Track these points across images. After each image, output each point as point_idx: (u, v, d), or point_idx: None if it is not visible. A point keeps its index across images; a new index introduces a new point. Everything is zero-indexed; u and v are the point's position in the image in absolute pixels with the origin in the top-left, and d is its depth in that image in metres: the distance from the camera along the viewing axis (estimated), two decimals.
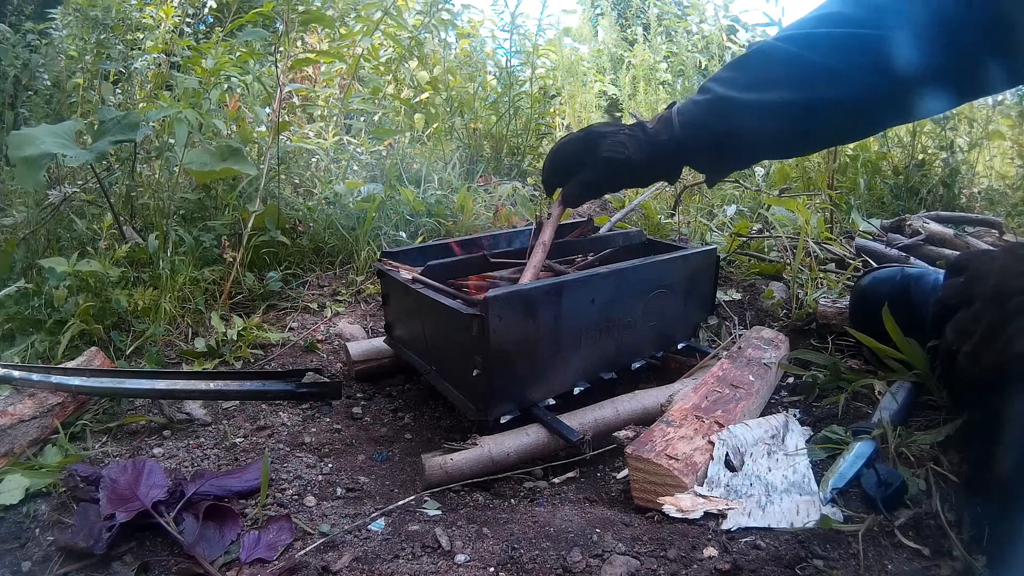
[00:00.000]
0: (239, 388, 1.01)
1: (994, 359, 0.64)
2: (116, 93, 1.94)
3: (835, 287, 1.33)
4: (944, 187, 2.18)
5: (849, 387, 0.96)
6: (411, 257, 1.18)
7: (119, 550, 0.68)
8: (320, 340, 1.33)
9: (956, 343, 0.70)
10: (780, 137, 0.93)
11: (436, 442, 1.00)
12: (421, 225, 1.78)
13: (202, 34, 2.35)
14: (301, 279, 1.57)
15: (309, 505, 0.80)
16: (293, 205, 1.71)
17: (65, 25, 1.97)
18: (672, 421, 0.84)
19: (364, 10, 2.00)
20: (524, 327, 0.89)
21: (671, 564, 0.64)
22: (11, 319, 1.15)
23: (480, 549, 0.68)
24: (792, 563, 0.63)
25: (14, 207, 1.62)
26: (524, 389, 0.93)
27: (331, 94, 2.21)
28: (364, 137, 2.16)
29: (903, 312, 0.92)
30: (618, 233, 1.29)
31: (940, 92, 0.79)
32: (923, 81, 0.77)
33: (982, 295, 0.69)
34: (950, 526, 0.64)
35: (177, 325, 1.28)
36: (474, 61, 2.85)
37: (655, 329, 1.09)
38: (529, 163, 2.59)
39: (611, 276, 0.99)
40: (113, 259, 1.28)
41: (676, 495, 0.73)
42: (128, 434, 0.96)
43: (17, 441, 0.85)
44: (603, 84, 3.35)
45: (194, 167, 1.37)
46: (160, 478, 0.74)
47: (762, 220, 1.80)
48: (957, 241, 1.61)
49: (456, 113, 2.53)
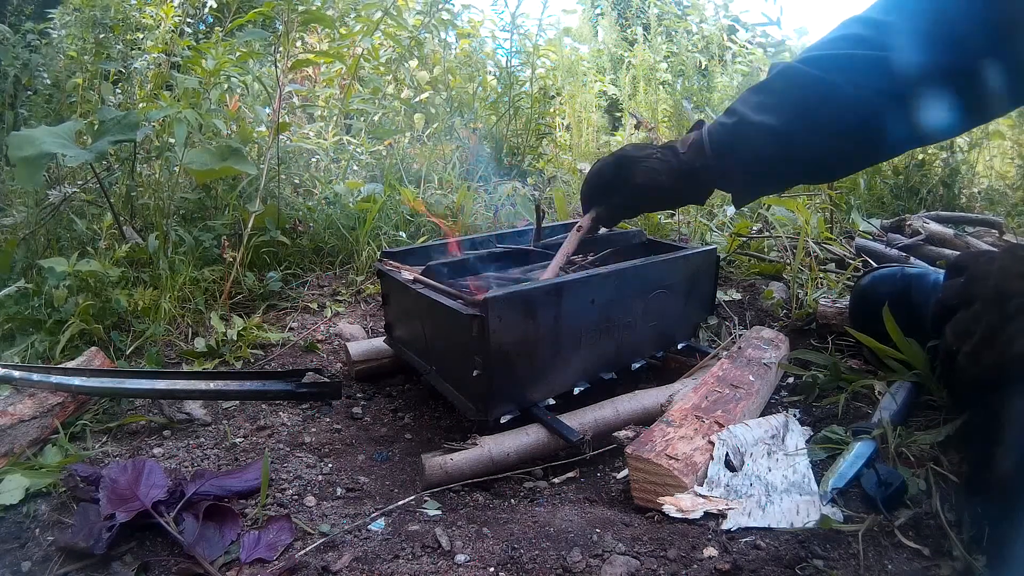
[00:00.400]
0: (239, 388, 1.01)
1: (994, 360, 0.64)
2: (116, 93, 1.93)
3: (835, 287, 1.33)
4: (944, 187, 2.18)
5: (849, 387, 0.96)
6: (411, 257, 1.18)
7: (119, 550, 0.68)
8: (320, 340, 1.33)
9: (956, 344, 0.70)
10: (809, 161, 0.93)
11: (436, 442, 1.00)
12: (421, 225, 1.79)
13: (202, 34, 2.35)
14: (301, 279, 1.57)
15: (309, 505, 0.80)
16: (293, 205, 1.71)
17: (65, 25, 1.97)
18: (672, 421, 0.84)
19: (364, 10, 2.01)
20: (524, 327, 0.89)
21: (671, 564, 0.64)
22: (11, 319, 1.15)
23: (480, 549, 0.68)
24: (792, 563, 0.63)
25: (14, 207, 1.62)
26: (524, 389, 0.93)
27: (331, 94, 2.21)
28: (364, 137, 2.16)
29: (903, 312, 0.92)
30: (618, 233, 1.29)
31: (953, 112, 0.79)
32: (937, 104, 0.78)
33: (982, 296, 0.69)
34: (950, 526, 0.64)
35: (177, 325, 1.28)
36: (474, 61, 2.85)
37: (655, 329, 1.09)
38: (529, 163, 2.59)
39: (611, 276, 0.99)
40: (113, 259, 1.28)
41: (676, 495, 0.73)
42: (128, 434, 0.96)
43: (17, 441, 0.85)
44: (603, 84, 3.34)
45: (194, 167, 1.37)
46: (160, 478, 0.74)
47: (762, 220, 1.80)
48: (957, 241, 1.61)
49: (456, 113, 2.53)
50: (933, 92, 0.77)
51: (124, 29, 1.92)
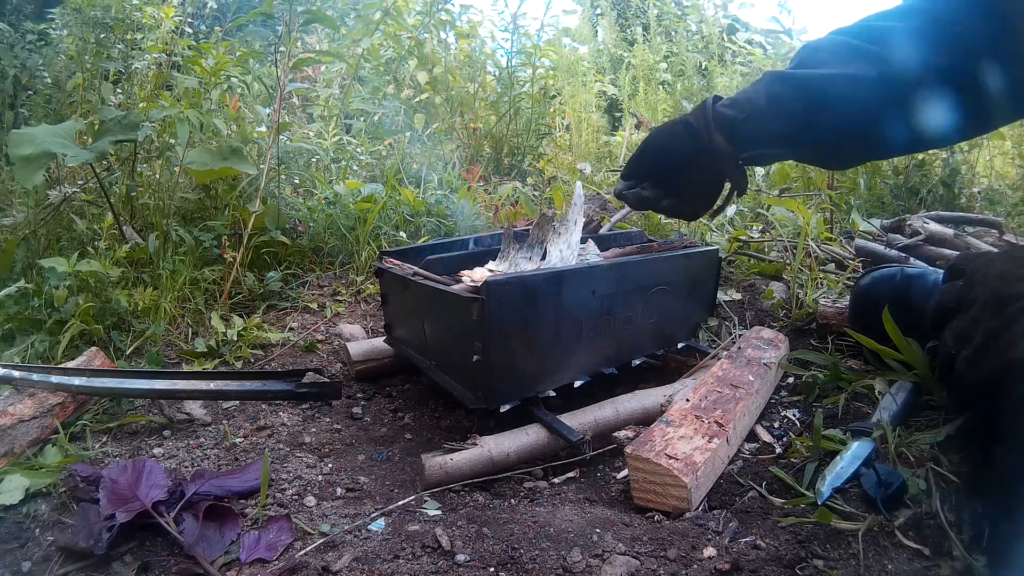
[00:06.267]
0: (239, 388, 1.01)
1: (993, 364, 0.64)
2: (116, 93, 1.93)
3: (835, 287, 1.33)
4: (944, 187, 2.17)
5: (849, 387, 0.96)
6: (411, 256, 1.18)
7: (119, 550, 0.68)
8: (320, 340, 1.33)
9: (955, 347, 0.70)
10: (814, 153, 0.88)
11: (436, 442, 1.00)
12: (421, 225, 1.78)
13: (202, 34, 2.35)
14: (301, 279, 1.57)
15: (309, 505, 0.80)
16: (293, 205, 1.71)
17: (65, 25, 1.97)
18: (672, 421, 0.85)
19: (364, 10, 2.00)
20: (524, 314, 0.89)
21: (671, 564, 0.65)
22: (11, 319, 1.15)
23: (480, 549, 0.68)
24: (792, 563, 0.63)
25: (14, 207, 1.62)
26: (524, 378, 0.92)
27: (331, 94, 2.20)
28: (364, 137, 2.16)
29: (903, 312, 0.92)
30: (619, 233, 1.29)
31: (954, 115, 0.78)
32: (937, 107, 0.76)
33: (981, 300, 0.69)
34: (950, 526, 0.64)
35: (177, 325, 1.28)
36: (474, 61, 2.84)
37: (656, 327, 1.09)
38: (529, 163, 2.59)
39: (612, 269, 0.99)
40: (113, 259, 1.28)
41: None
42: (128, 434, 0.96)
43: (17, 441, 0.85)
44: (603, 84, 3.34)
45: (194, 167, 1.37)
46: (160, 478, 0.74)
47: (762, 220, 1.80)
48: (957, 241, 1.60)
49: (456, 113, 2.53)
50: (933, 94, 0.76)
51: (124, 29, 1.92)
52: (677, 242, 1.25)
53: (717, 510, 0.76)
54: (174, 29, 2.01)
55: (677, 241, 1.26)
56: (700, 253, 1.14)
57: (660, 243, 1.26)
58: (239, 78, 1.63)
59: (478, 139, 2.55)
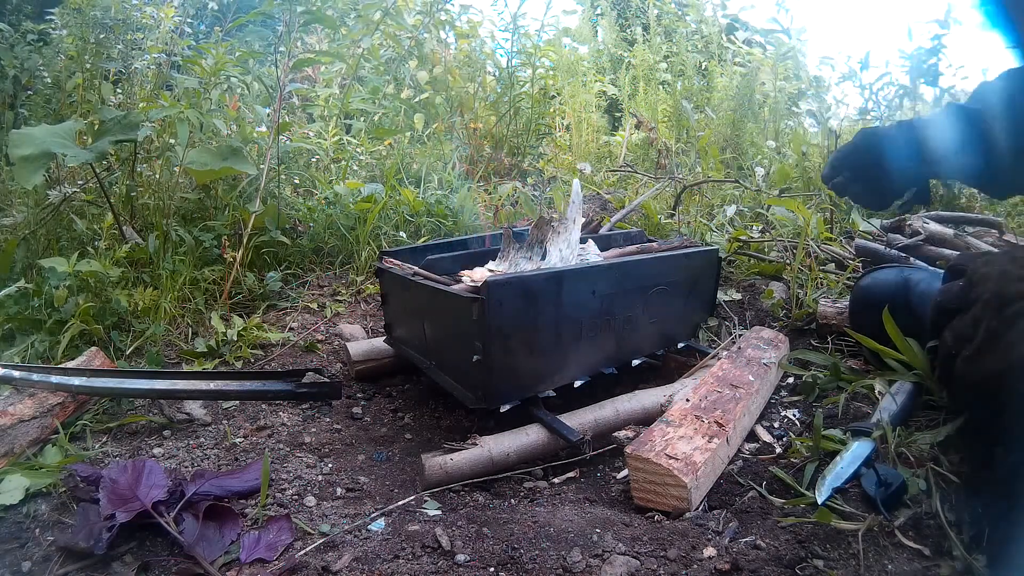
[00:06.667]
0: (239, 388, 1.01)
1: (993, 364, 0.64)
2: (116, 93, 1.93)
3: (835, 287, 1.33)
4: (944, 187, 2.17)
5: (849, 387, 0.96)
6: (411, 256, 1.18)
7: (119, 550, 0.68)
8: (320, 340, 1.33)
9: (955, 348, 0.70)
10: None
11: (436, 442, 1.00)
12: (421, 225, 1.78)
13: (202, 34, 2.35)
14: (301, 279, 1.57)
15: (309, 505, 0.80)
16: (293, 205, 1.71)
17: (64, 25, 1.97)
18: (672, 421, 0.85)
19: (364, 10, 2.00)
20: (524, 313, 0.89)
21: (671, 564, 0.65)
22: (11, 319, 1.15)
23: (480, 549, 0.68)
24: (792, 563, 0.63)
25: (14, 207, 1.61)
26: (524, 378, 0.93)
27: (331, 94, 2.20)
28: (364, 137, 2.16)
29: (903, 312, 0.92)
30: (619, 233, 1.29)
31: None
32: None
33: (981, 299, 0.69)
34: (950, 526, 0.64)
35: (177, 325, 1.28)
36: (474, 61, 2.84)
37: (656, 327, 1.09)
38: (529, 163, 2.59)
39: (612, 269, 0.99)
40: (113, 259, 1.28)
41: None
42: (128, 434, 0.96)
43: (17, 441, 0.85)
44: (603, 84, 3.34)
45: (194, 167, 1.37)
46: (160, 478, 0.74)
47: (762, 220, 1.80)
48: (957, 241, 1.60)
49: (456, 113, 2.53)
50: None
51: (124, 29, 1.92)
52: (677, 242, 1.25)
53: (717, 510, 0.76)
54: (174, 29, 2.01)
55: (677, 241, 1.26)
56: (700, 253, 1.14)
57: (660, 243, 1.26)
58: (239, 78, 1.63)
59: (478, 139, 2.55)
